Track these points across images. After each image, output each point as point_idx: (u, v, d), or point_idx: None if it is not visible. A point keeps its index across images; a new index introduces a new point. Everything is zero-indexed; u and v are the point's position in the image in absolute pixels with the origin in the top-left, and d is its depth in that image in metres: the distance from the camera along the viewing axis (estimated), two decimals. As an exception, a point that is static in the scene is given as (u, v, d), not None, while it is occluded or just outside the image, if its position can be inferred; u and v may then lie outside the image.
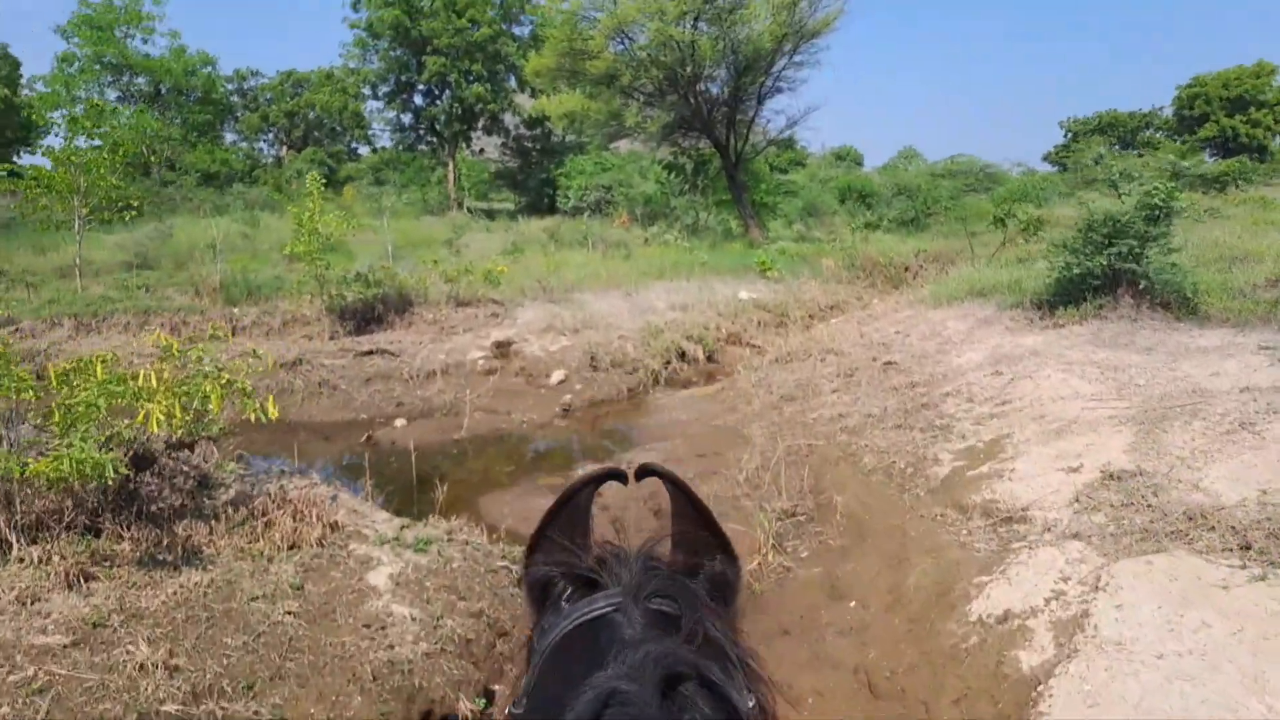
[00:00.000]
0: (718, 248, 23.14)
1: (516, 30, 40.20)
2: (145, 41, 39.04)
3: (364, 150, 52.60)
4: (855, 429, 8.10)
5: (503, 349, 12.73)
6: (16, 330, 11.98)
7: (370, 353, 12.13)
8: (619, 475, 1.04)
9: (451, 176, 41.33)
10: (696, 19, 23.08)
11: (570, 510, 0.97)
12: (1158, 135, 78.87)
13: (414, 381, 11.75)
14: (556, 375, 11.86)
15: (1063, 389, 7.58)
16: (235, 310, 13.41)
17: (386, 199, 32.43)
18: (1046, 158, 79.52)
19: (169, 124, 41.39)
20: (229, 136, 49.45)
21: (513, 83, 40.60)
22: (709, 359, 13.62)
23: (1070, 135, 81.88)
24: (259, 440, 10.16)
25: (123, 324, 12.61)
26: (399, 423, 10.44)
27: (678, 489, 0.98)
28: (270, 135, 52.72)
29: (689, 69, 23.68)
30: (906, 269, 22.05)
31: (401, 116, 42.78)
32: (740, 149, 26.58)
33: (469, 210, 38.48)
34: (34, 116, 35.37)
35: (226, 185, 38.18)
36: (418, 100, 41.47)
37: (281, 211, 31.39)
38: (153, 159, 39.07)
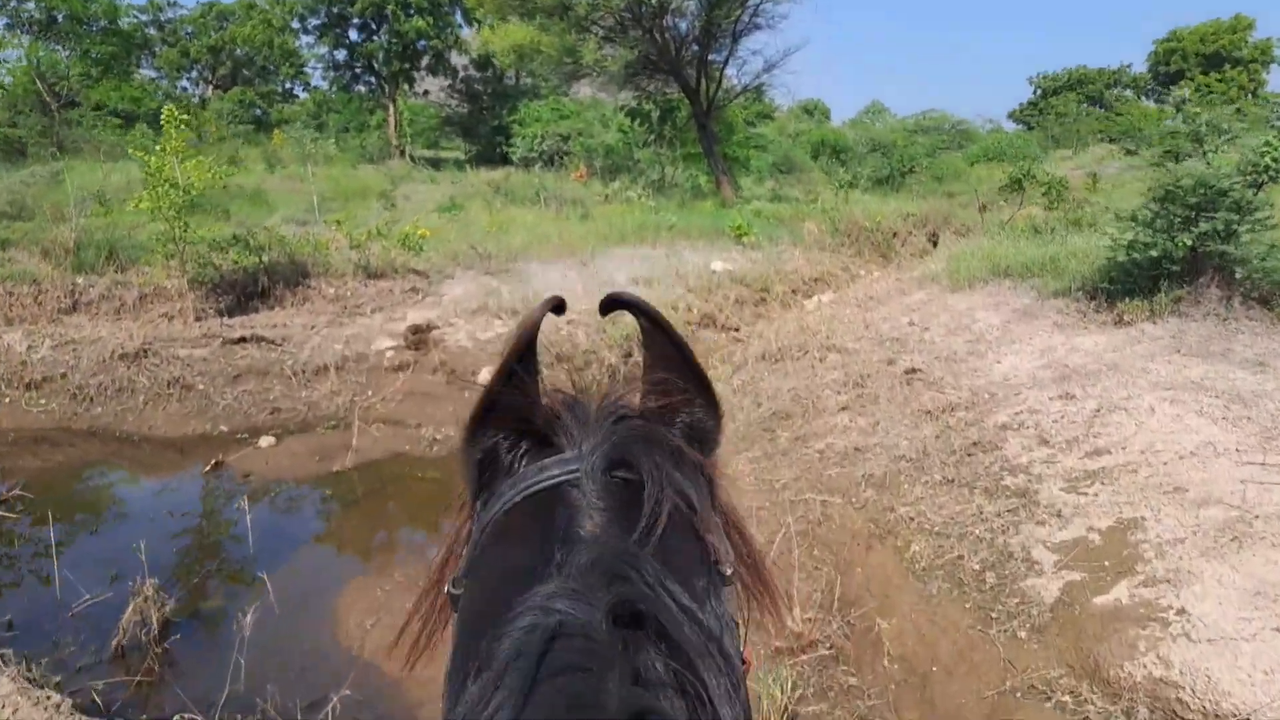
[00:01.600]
0: (686, 207, 20.55)
1: (463, -42, 36.48)
2: (40, -39, 34.51)
3: (302, 93, 48.55)
4: (886, 481, 5.76)
5: (419, 336, 10.15)
6: None
7: (242, 340, 9.48)
8: (558, 306, 0.83)
9: (393, 121, 37.83)
10: (663, -61, 20.16)
11: (526, 356, 0.77)
12: (1127, 93, 77.42)
13: (297, 380, 9.14)
14: (485, 374, 9.35)
15: (1182, 434, 5.32)
16: (80, 280, 10.57)
17: (315, 144, 29.05)
18: (1013, 115, 77.75)
19: (69, 57, 37.12)
20: (148, 74, 45.04)
21: (459, 18, 37.02)
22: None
23: (1039, 92, 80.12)
24: (71, 456, 7.56)
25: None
26: (265, 441, 7.88)
27: (653, 324, 0.82)
28: (194, 73, 48.32)
29: (654, -1, 20.82)
30: (895, 235, 19.76)
31: (335, 53, 38.93)
32: (712, 95, 23.82)
33: (412, 159, 35.20)
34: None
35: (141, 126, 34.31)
36: (353, 35, 37.67)
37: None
38: (48, 96, 35.00)
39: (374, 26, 36.62)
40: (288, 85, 48.71)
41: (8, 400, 8.35)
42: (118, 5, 37.71)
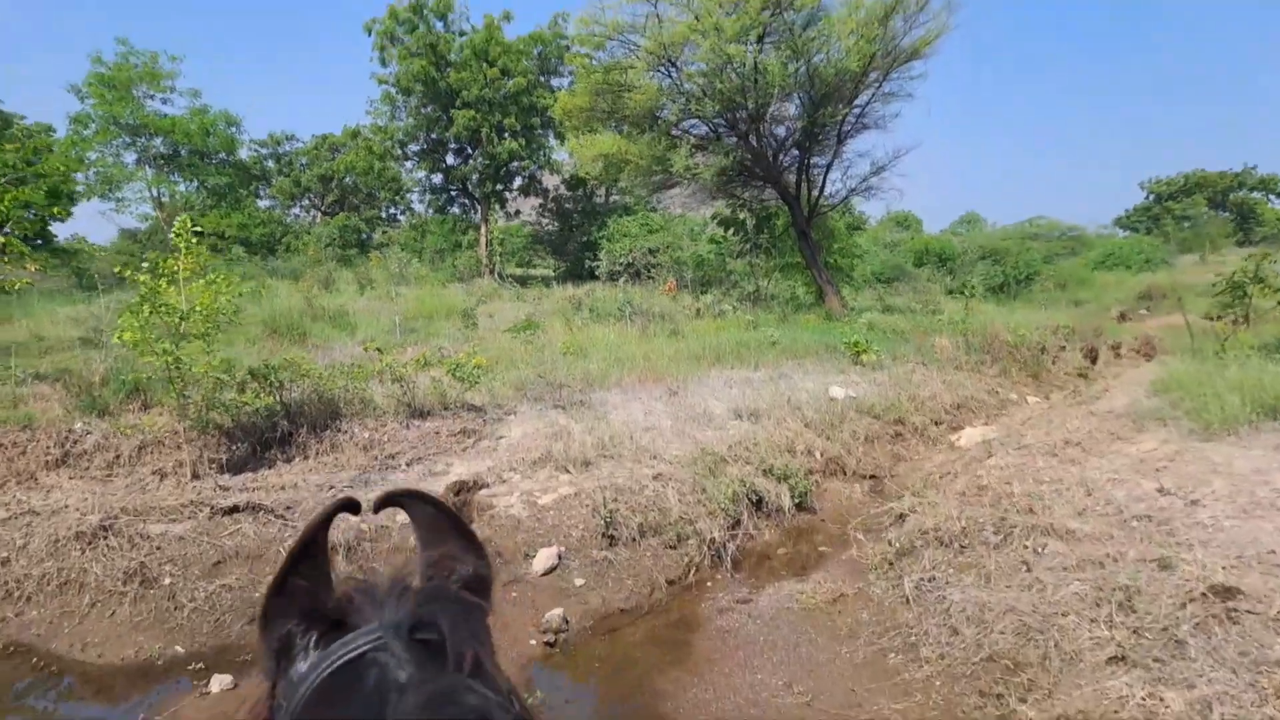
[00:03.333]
0: (789, 321, 18.06)
1: (555, 83, 36.52)
2: (164, 102, 36.30)
3: (402, 217, 49.49)
4: None
5: (462, 499, 7.76)
6: None
7: (235, 510, 7.28)
8: (352, 506, 0.93)
9: (483, 240, 37.31)
10: (762, 37, 18.53)
11: (308, 556, 0.84)
12: (1253, 195, 72.12)
13: (296, 568, 6.80)
14: (544, 558, 6.79)
15: None
16: (79, 426, 8.74)
17: (408, 265, 28.26)
18: (1120, 222, 73.56)
19: (188, 189, 38.58)
20: (263, 203, 46.77)
21: (551, 140, 36.79)
22: (799, 506, 8.39)
23: (1152, 197, 75.80)
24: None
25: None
26: (218, 683, 5.44)
27: (430, 506, 0.93)
28: (305, 201, 50.09)
29: (752, 101, 19.04)
30: (1043, 350, 16.60)
31: (432, 177, 39.24)
32: (814, 200, 21.69)
33: (500, 277, 34.27)
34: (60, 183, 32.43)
35: (262, 253, 34.80)
36: (449, 160, 37.85)
37: (298, 278, 27.64)
38: (165, 225, 36.13)
39: (469, 150, 36.70)
40: (390, 211, 49.85)
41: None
42: (235, 139, 39.29)
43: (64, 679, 5.63)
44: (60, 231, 33.80)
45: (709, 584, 6.86)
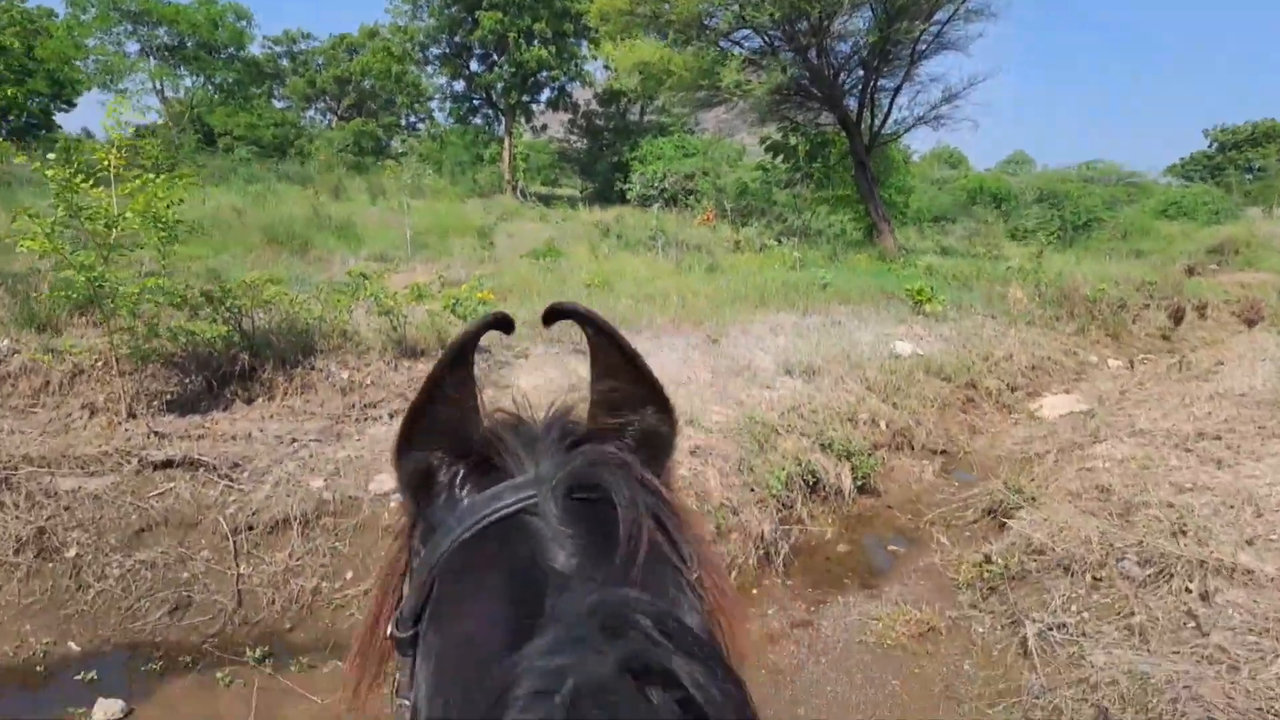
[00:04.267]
0: (839, 261, 16.26)
1: (592, -15, 33.85)
2: (169, -13, 33.99)
3: (422, 125, 47.22)
4: None
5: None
6: None
7: (169, 464, 5.87)
8: (504, 323, 0.75)
9: (507, 155, 35.27)
10: (830, -66, 16.21)
11: (457, 374, 0.70)
12: (1327, 147, 68.03)
13: (234, 545, 5.39)
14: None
15: None
16: (4, 344, 7.31)
17: (425, 177, 26.40)
18: (1173, 170, 69.73)
19: (195, 84, 36.60)
20: (279, 104, 44.68)
21: (584, 49, 34.29)
22: (861, 488, 6.88)
23: (1216, 145, 71.82)
24: None
25: None
26: (103, 711, 4.07)
27: (600, 333, 0.74)
28: (321, 104, 47.92)
29: (817, 10, 16.81)
30: (1123, 307, 14.77)
31: (454, 84, 36.94)
32: (877, 128, 19.54)
33: (523, 195, 32.43)
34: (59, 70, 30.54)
35: (274, 156, 33.02)
36: (473, 66, 35.49)
37: (307, 184, 25.96)
38: (169, 122, 34.32)
39: (494, 57, 34.33)
40: (409, 118, 47.59)
41: None
42: (245, 33, 37.08)
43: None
44: (69, 124, 32.26)
45: (755, 591, 5.39)
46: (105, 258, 6.31)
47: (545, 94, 36.28)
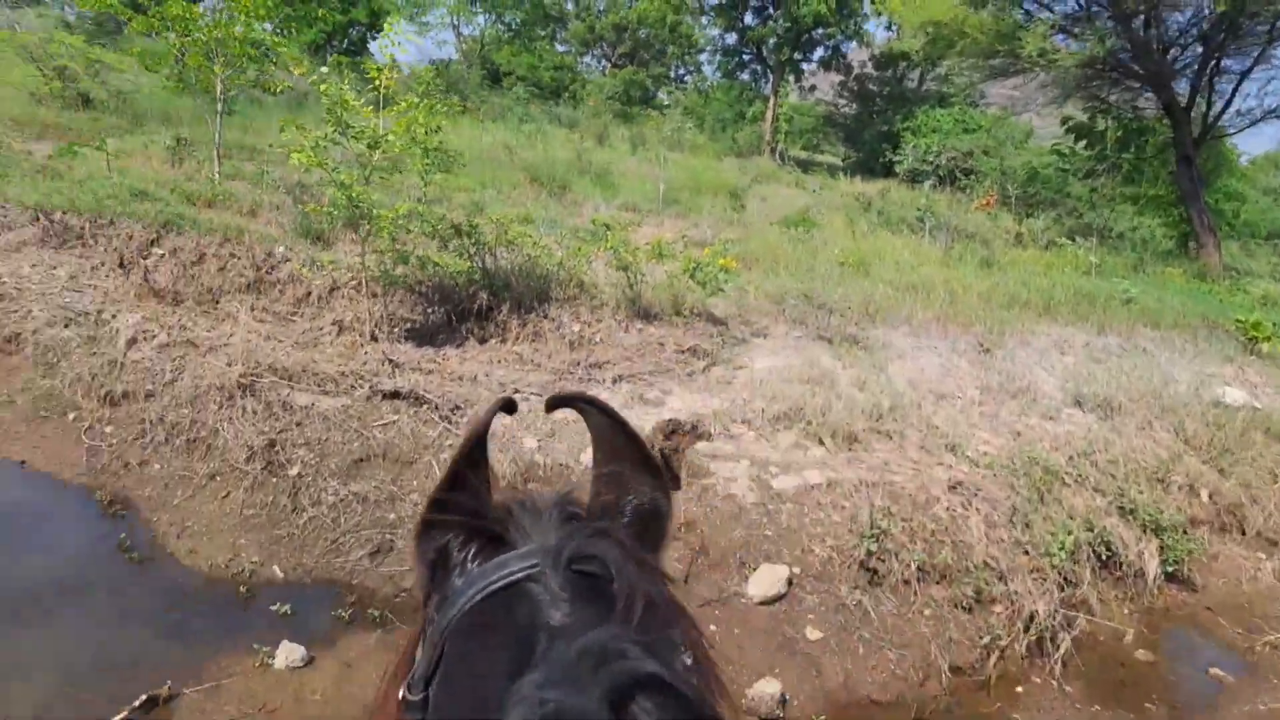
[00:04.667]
0: (1147, 273, 13.76)
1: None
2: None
3: (690, 78, 47.05)
4: None
5: (673, 446, 5.73)
6: None
7: (396, 395, 5.75)
8: (509, 406, 0.85)
9: (770, 114, 34.10)
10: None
11: (473, 460, 0.77)
12: None
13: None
14: (766, 579, 4.56)
15: None
16: (279, 250, 7.70)
17: (685, 130, 26.04)
18: None
19: (487, 22, 38.67)
20: (560, 48, 46.42)
21: (866, 6, 32.02)
22: (1171, 576, 5.41)
23: None
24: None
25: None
26: (284, 655, 3.89)
27: (604, 415, 0.81)
28: (598, 50, 49.16)
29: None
30: None
31: (725, 37, 36.12)
32: (1213, 118, 16.32)
33: (781, 158, 31.25)
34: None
35: (551, 99, 34.46)
36: (747, 19, 34.42)
37: (575, 127, 26.69)
38: (460, 59, 36.60)
39: (770, 10, 33.05)
40: (678, 70, 47.59)
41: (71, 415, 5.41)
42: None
43: (146, 571, 4.41)
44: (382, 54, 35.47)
45: (1019, 689, 4.30)
46: (366, 178, 6.28)
47: (818, 53, 34.48)
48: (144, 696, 3.38)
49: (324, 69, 6.38)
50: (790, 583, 4.63)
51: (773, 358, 7.33)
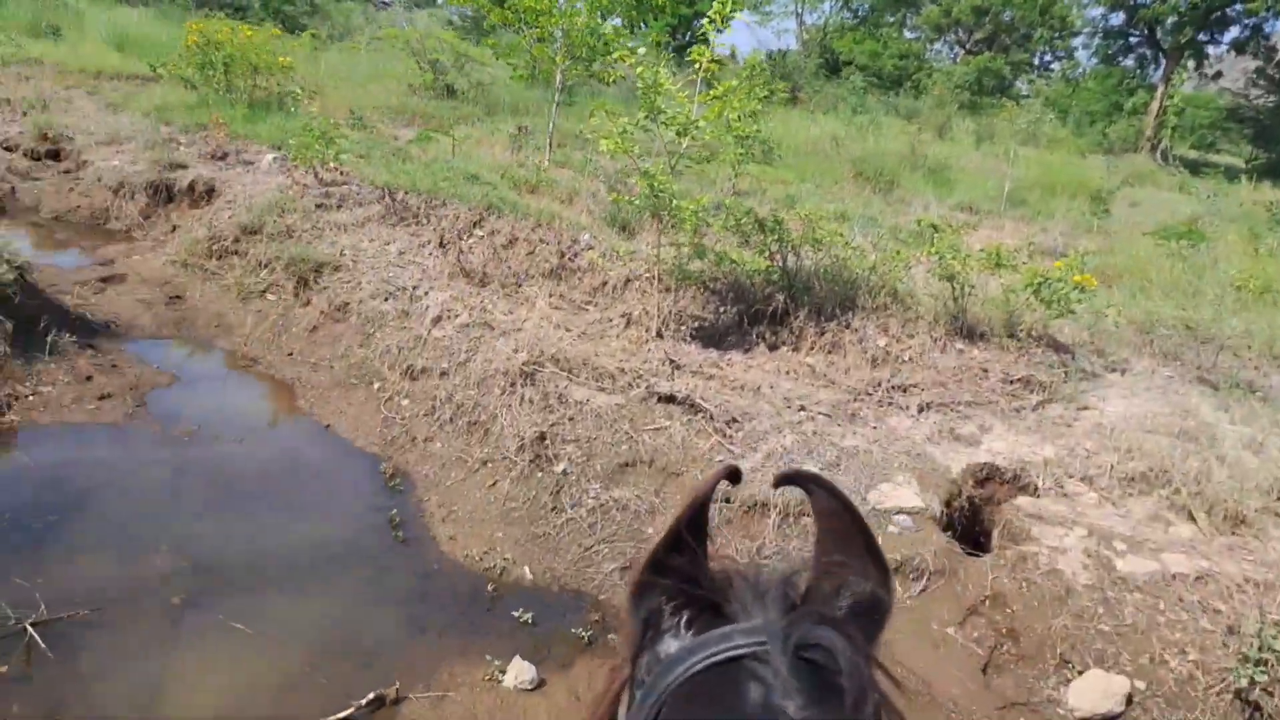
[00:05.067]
0: None
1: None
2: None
3: (1058, 65, 41.95)
4: None
5: (986, 496, 4.69)
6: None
7: (672, 400, 5.36)
8: (734, 475, 0.82)
9: (1155, 106, 29.09)
10: None
11: (694, 524, 0.76)
12: None
13: (718, 515, 4.70)
14: (1097, 689, 3.42)
15: None
16: (585, 237, 7.78)
17: (1030, 119, 23.11)
18: None
19: (832, 8, 37.59)
20: (908, 34, 44.00)
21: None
22: None
23: None
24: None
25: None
26: (514, 674, 3.57)
27: (832, 496, 0.80)
28: (951, 35, 45.72)
29: None
30: None
31: (1110, 17, 31.40)
32: None
33: (1164, 157, 26.56)
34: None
35: (888, 87, 32.97)
36: (1141, -7, 29.57)
37: (913, 118, 25.03)
38: (803, 49, 35.94)
39: (1172, -18, 28.05)
40: (1044, 56, 42.64)
41: (380, 389, 5.82)
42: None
43: (408, 551, 4.49)
44: (721, 45, 36.06)
45: None
46: (673, 167, 5.96)
47: (1230, 33, 28.66)
48: (372, 695, 3.31)
49: (641, 50, 6.17)
50: (1130, 701, 3.47)
51: (1131, 400, 5.83)
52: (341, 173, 8.51)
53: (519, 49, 11.32)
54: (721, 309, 6.76)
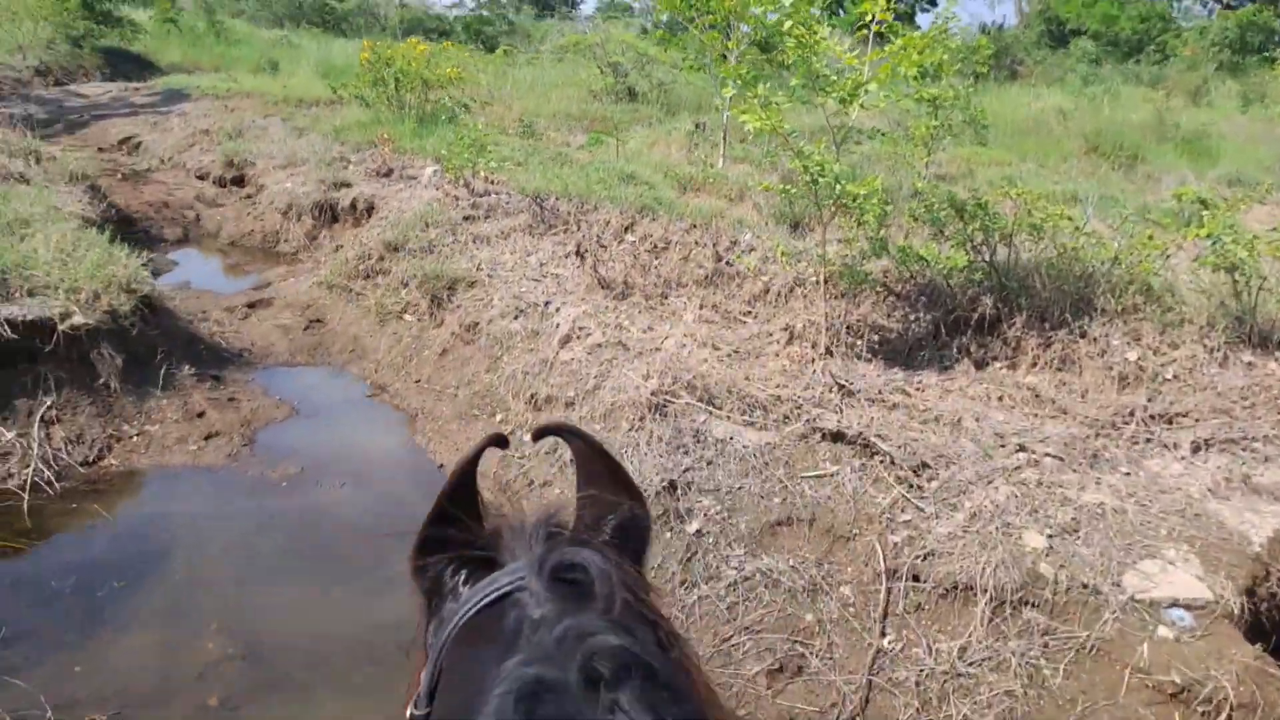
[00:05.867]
0: None
1: None
2: None
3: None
4: None
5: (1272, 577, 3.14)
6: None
7: (839, 438, 4.15)
8: (500, 441, 0.90)
9: None
10: None
11: (460, 494, 0.84)
12: None
13: (881, 601, 3.46)
14: None
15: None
16: (747, 237, 6.71)
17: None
18: None
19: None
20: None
21: None
22: None
23: None
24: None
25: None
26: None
27: (585, 443, 0.89)
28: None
29: None
30: None
31: None
32: None
33: None
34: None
35: (1125, 53, 28.94)
36: None
37: (1158, 84, 21.52)
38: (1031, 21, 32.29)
39: None
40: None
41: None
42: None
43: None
44: (925, 19, 33.26)
45: None
46: (838, 143, 4.78)
47: None
48: None
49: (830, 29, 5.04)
50: None
51: None
52: (492, 181, 8.03)
53: (689, 40, 10.51)
54: (911, 317, 5.43)
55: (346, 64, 17.24)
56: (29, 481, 4.09)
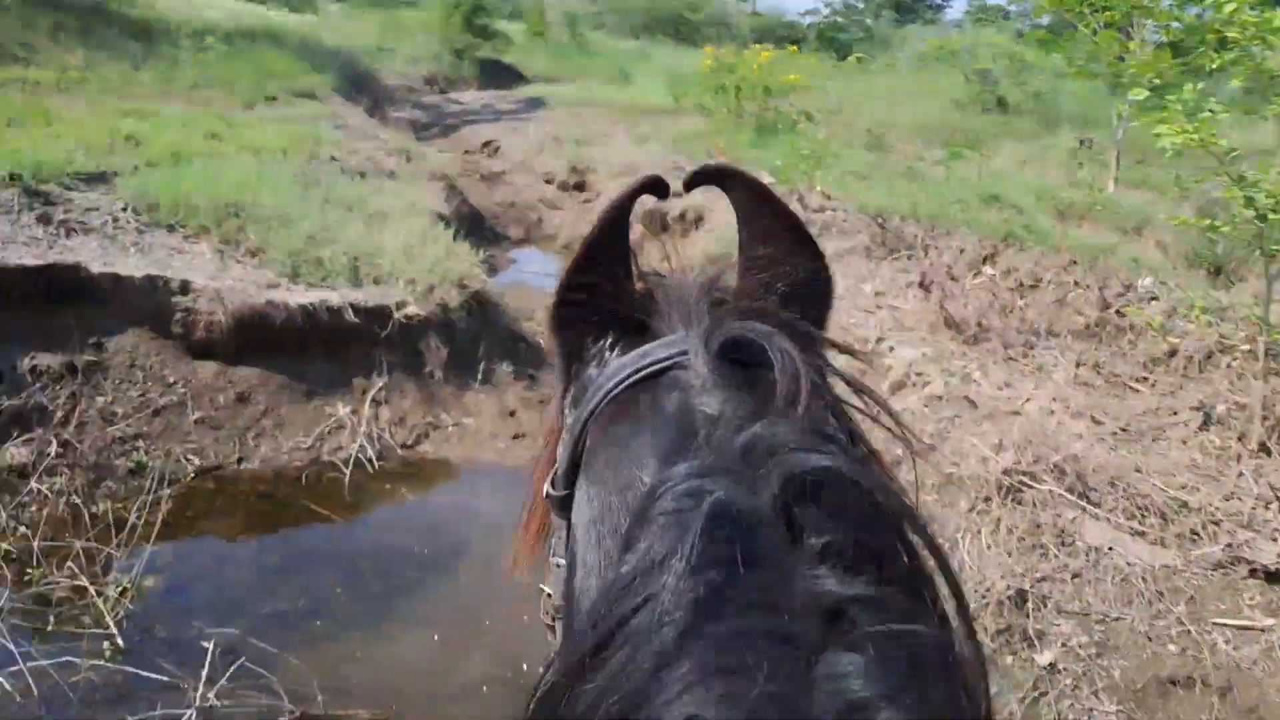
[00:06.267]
0: None
1: None
2: None
3: None
4: None
5: None
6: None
7: (1276, 577, 2.94)
8: (660, 185, 0.69)
9: None
10: None
11: (609, 245, 0.68)
12: None
13: None
14: None
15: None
16: (1146, 282, 5.39)
17: None
18: None
19: None
20: None
21: None
22: None
23: None
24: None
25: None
26: None
27: (751, 190, 0.69)
28: None
29: None
30: None
31: None
32: None
33: None
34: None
35: None
36: None
37: None
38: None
39: None
40: None
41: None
42: None
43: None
44: None
45: None
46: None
47: None
48: None
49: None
50: None
51: None
52: (828, 196, 7.42)
53: (1077, 41, 9.03)
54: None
55: (694, 73, 17.68)
56: (353, 457, 4.29)
